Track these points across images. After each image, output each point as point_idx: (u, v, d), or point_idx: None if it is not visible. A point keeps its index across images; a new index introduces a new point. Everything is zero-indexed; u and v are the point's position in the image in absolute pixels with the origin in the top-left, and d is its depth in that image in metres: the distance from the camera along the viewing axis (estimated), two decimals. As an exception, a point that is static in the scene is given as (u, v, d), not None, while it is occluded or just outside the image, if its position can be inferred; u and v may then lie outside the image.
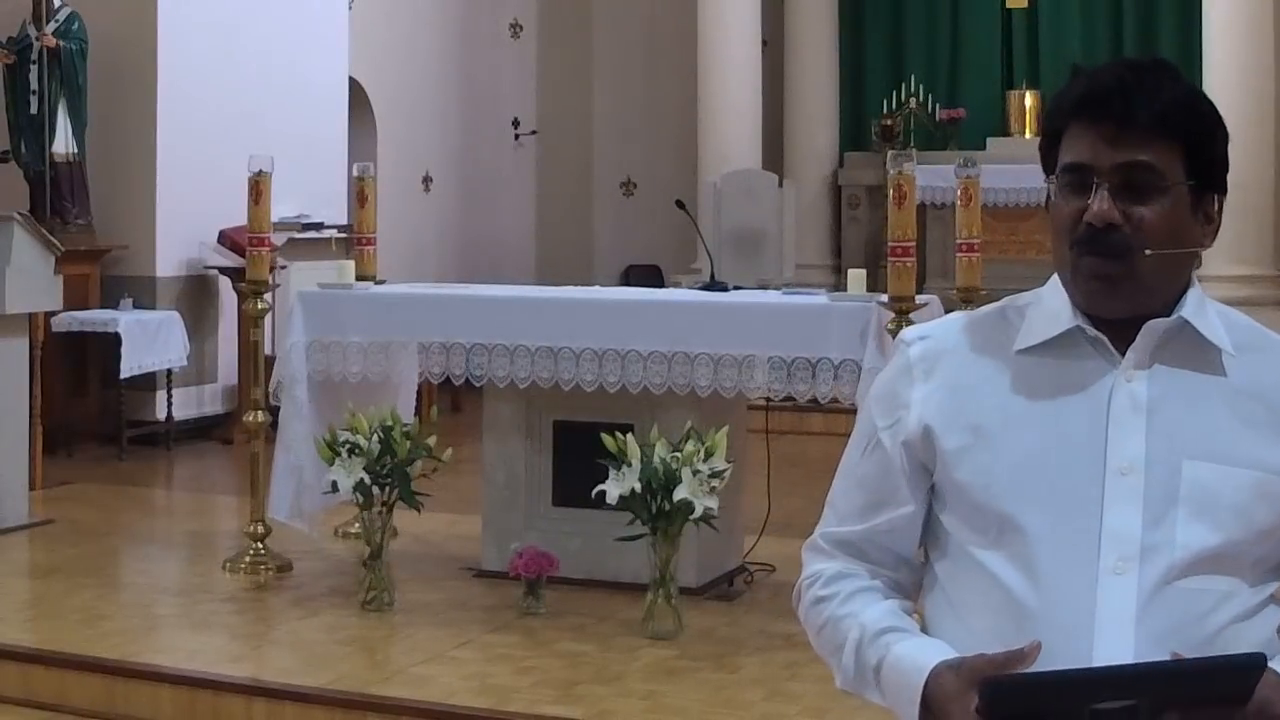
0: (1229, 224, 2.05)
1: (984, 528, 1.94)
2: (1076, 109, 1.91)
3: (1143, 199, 1.89)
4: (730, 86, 13.12)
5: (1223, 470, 1.90)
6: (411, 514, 6.11)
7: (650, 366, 6.06)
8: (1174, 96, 1.89)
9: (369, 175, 7.24)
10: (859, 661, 1.98)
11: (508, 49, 14.56)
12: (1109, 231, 1.88)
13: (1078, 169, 1.91)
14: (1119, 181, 1.89)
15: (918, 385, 2.01)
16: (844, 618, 2.01)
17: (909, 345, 2.05)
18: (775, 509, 6.61)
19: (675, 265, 13.73)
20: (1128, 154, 1.88)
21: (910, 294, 5.85)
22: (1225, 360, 1.94)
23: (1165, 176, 1.89)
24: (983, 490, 1.94)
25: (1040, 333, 1.97)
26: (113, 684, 5.37)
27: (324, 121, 11.45)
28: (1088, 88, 1.91)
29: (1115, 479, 1.90)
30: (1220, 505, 1.89)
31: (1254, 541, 1.91)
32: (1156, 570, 1.87)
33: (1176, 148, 1.89)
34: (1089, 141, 1.90)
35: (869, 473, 2.05)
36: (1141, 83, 1.89)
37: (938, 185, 12.13)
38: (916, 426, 1.99)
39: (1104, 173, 1.89)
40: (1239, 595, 1.90)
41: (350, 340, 6.49)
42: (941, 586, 2.00)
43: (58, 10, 9.88)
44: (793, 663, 5.29)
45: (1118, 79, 1.89)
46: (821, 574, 2.07)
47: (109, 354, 9.64)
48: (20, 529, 7.44)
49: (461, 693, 5.08)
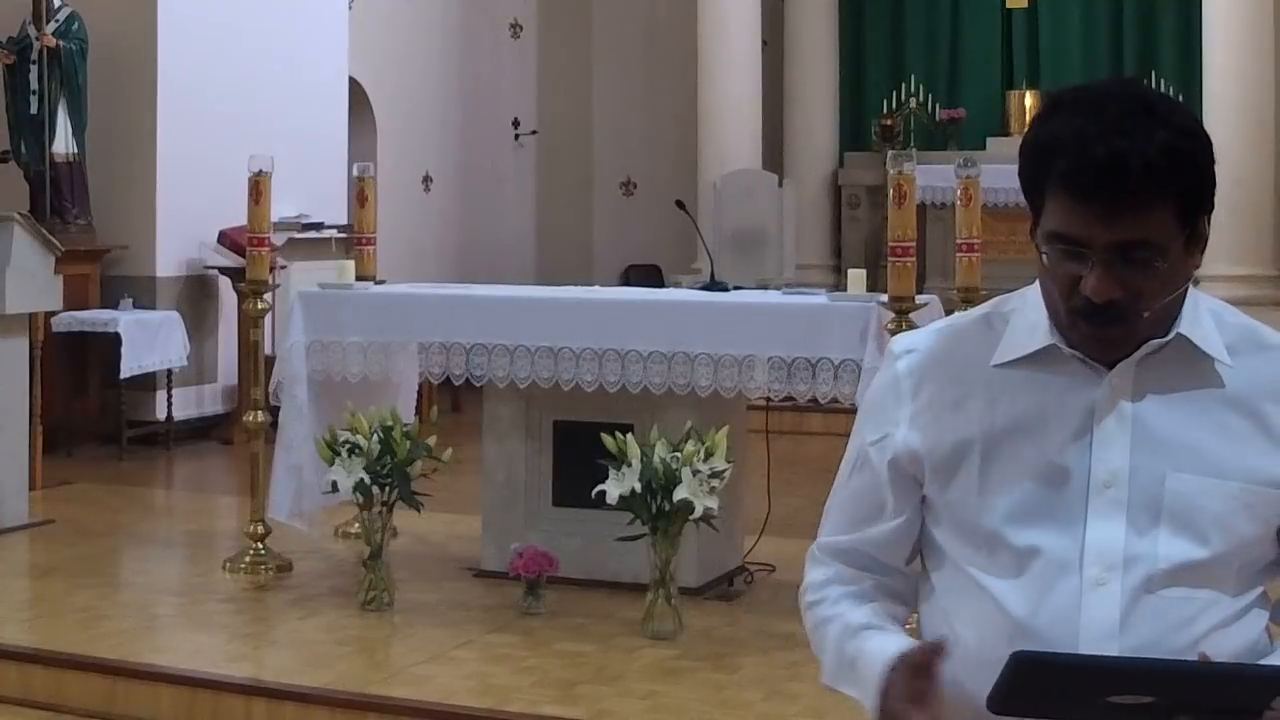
0: (1229, 224, 2.06)
1: (975, 543, 1.96)
2: (1065, 182, 1.82)
3: (1139, 270, 1.83)
4: (730, 86, 13.12)
5: (1207, 483, 1.90)
6: (411, 514, 6.11)
7: (650, 366, 6.06)
8: (1163, 147, 1.80)
9: (369, 175, 7.24)
10: (839, 657, 2.04)
11: (508, 49, 14.56)
12: (1108, 306, 1.84)
13: (1068, 240, 1.84)
14: (1114, 257, 1.83)
15: (905, 403, 2.02)
16: (831, 618, 2.07)
17: (897, 359, 2.05)
18: (775, 509, 6.61)
19: (675, 265, 13.73)
20: (1124, 233, 1.81)
21: (910, 294, 5.85)
22: (1219, 369, 1.92)
23: (1162, 249, 1.83)
24: (970, 508, 1.96)
25: (1018, 347, 1.96)
26: (112, 684, 5.37)
27: (324, 121, 11.45)
28: (1076, 160, 1.81)
29: (1099, 492, 1.90)
30: (1204, 518, 1.89)
31: (1237, 552, 1.92)
32: (1137, 581, 1.88)
33: (1170, 204, 1.82)
34: (1079, 217, 1.82)
35: (859, 486, 2.09)
36: (1133, 145, 1.79)
37: (938, 185, 12.13)
38: (904, 445, 2.01)
39: (1099, 250, 1.82)
40: (1221, 603, 1.91)
41: (350, 340, 6.49)
42: (937, 597, 2.03)
43: (58, 10, 9.88)
44: (793, 663, 5.29)
45: (1106, 146, 1.79)
46: (816, 580, 2.13)
47: (109, 354, 9.64)
48: (20, 529, 7.44)
49: (461, 693, 5.08)
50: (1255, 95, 11.72)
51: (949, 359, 2.01)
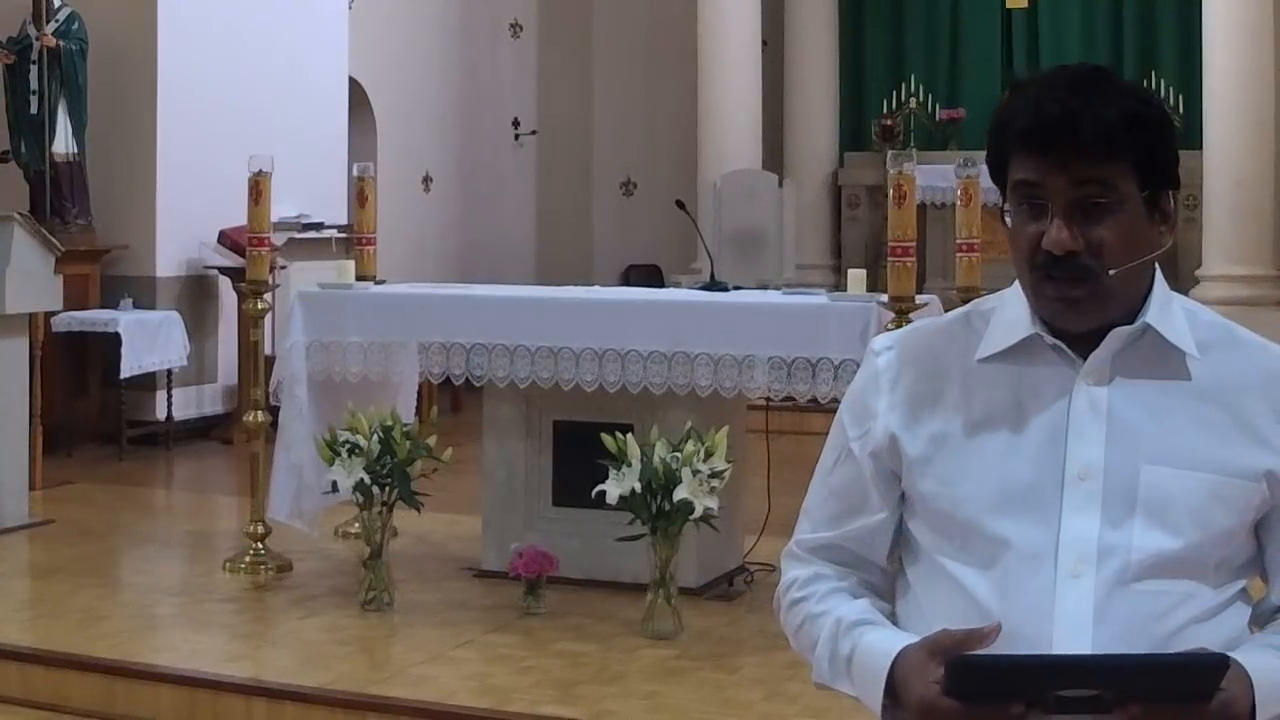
0: (1229, 224, 2.07)
1: (949, 535, 1.97)
2: (1022, 139, 1.90)
3: (1098, 220, 1.88)
4: (730, 86, 13.12)
5: (1180, 474, 1.91)
6: (411, 514, 6.11)
7: (650, 366, 6.06)
8: (1120, 112, 1.87)
9: (369, 175, 7.24)
10: (832, 653, 2.02)
11: (508, 49, 14.56)
12: (1068, 257, 1.88)
13: (1029, 187, 1.90)
14: (1073, 205, 1.88)
15: (884, 395, 2.03)
16: (819, 615, 2.06)
17: (877, 355, 2.07)
18: (775, 509, 6.59)
19: (675, 265, 13.74)
20: (1079, 174, 1.87)
21: (910, 294, 5.86)
22: (1189, 363, 1.95)
23: (1119, 194, 1.89)
24: (946, 499, 1.97)
25: (1000, 340, 1.98)
26: (112, 684, 5.37)
27: (324, 121, 11.45)
28: (1033, 119, 1.88)
29: (1074, 484, 1.92)
30: (1178, 509, 1.91)
31: (1214, 544, 1.93)
32: (1112, 573, 1.89)
33: (1127, 163, 1.88)
34: (1036, 164, 1.89)
35: (841, 481, 2.09)
36: (1087, 104, 1.86)
37: (938, 185, 12.15)
38: (883, 436, 2.02)
39: (1057, 197, 1.88)
40: (1199, 596, 1.92)
41: (350, 340, 6.49)
42: (913, 591, 2.04)
43: (58, 10, 9.88)
44: (793, 663, 5.25)
45: (1060, 105, 1.87)
46: (798, 578, 2.12)
47: (109, 354, 9.64)
48: (20, 529, 7.44)
49: (461, 693, 5.08)
50: (1255, 95, 11.71)
51: (928, 354, 2.04)
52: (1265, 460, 1.93)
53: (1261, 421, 1.94)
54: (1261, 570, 2.01)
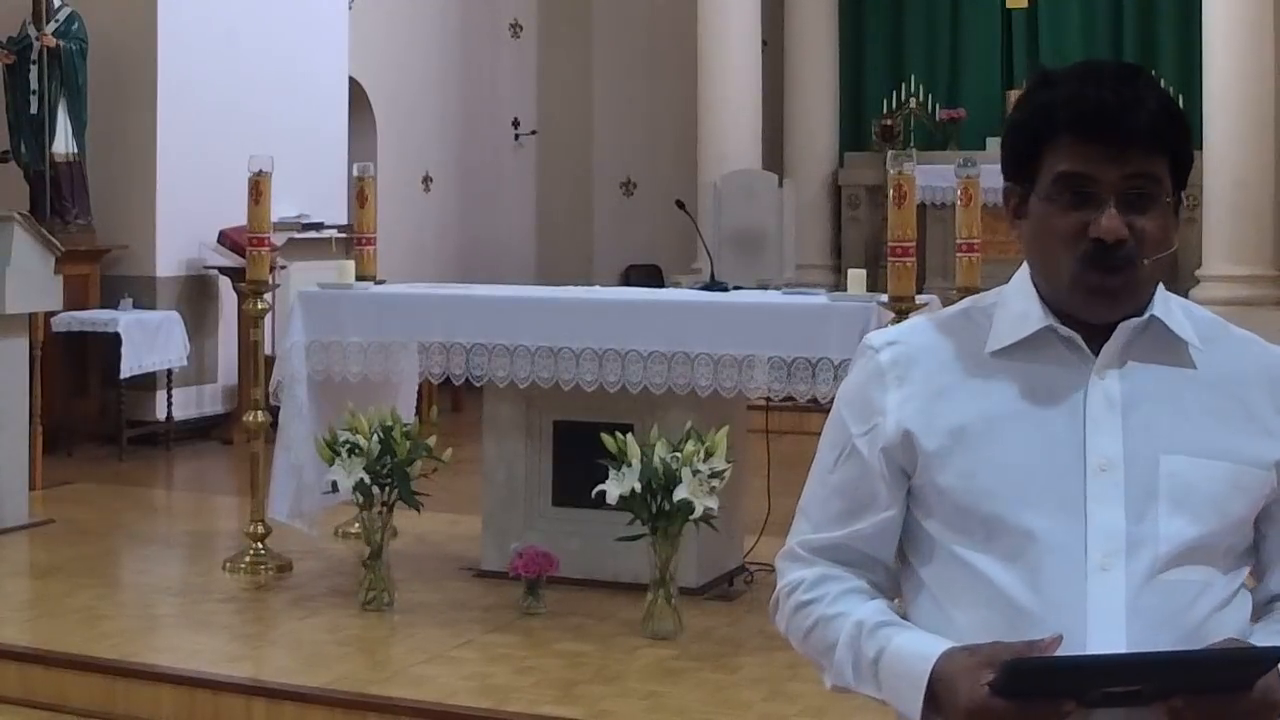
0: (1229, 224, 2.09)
1: (969, 529, 1.95)
2: (1071, 124, 1.91)
3: (1143, 210, 1.91)
4: (730, 86, 13.12)
5: (1198, 463, 1.93)
6: (411, 514, 6.11)
7: (650, 366, 6.06)
8: (1161, 107, 1.91)
9: (369, 175, 7.24)
10: (856, 656, 1.98)
11: (508, 49, 14.56)
12: (1117, 245, 1.90)
13: (1077, 179, 1.91)
14: (1123, 195, 1.90)
15: (892, 390, 2.01)
16: (835, 617, 2.02)
17: (877, 351, 2.05)
18: (775, 509, 6.59)
19: (675, 265, 13.74)
20: (1133, 167, 1.90)
21: (910, 294, 5.86)
22: (1193, 353, 1.98)
23: (1161, 187, 1.92)
24: (966, 493, 1.95)
25: (1012, 334, 1.98)
26: (112, 684, 5.37)
27: (324, 121, 11.44)
28: (1083, 104, 1.90)
29: (1096, 476, 1.92)
30: (1198, 497, 1.93)
31: (1228, 532, 1.95)
32: (1142, 564, 1.90)
33: (1166, 157, 1.92)
34: (1088, 155, 1.90)
35: (846, 479, 2.06)
36: (1136, 96, 1.90)
37: (938, 185, 12.15)
38: (895, 431, 2.00)
39: (1110, 187, 1.90)
40: (1216, 584, 1.94)
41: (350, 340, 6.49)
42: (928, 589, 2.01)
43: (58, 10, 9.88)
44: (793, 663, 5.27)
45: (1116, 94, 1.89)
46: (804, 580, 2.07)
47: (109, 354, 9.64)
48: (20, 529, 7.44)
49: (461, 693, 5.08)
50: (1255, 95, 11.71)
51: (935, 349, 2.03)
52: (1275, 451, 1.97)
53: (1265, 413, 1.98)
54: (1258, 559, 2.03)
